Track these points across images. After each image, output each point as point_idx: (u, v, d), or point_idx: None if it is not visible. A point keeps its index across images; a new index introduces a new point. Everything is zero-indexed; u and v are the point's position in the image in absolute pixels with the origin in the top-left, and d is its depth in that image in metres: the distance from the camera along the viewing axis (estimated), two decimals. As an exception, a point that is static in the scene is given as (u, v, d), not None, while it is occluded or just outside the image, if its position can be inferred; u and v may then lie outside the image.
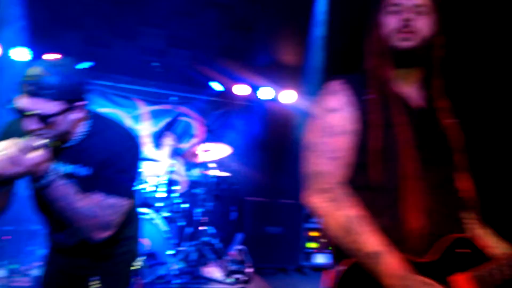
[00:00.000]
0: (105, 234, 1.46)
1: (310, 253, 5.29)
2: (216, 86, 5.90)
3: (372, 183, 1.13)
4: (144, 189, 4.41)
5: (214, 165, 5.22)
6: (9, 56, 4.73)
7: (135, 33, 4.85)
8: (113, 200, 1.47)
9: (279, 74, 6.00)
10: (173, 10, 4.68)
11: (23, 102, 1.36)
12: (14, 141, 1.29)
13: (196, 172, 5.22)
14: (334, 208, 1.08)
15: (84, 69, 1.49)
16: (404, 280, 0.98)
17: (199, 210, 4.96)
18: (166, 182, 4.54)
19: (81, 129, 1.55)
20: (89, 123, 1.57)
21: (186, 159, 5.19)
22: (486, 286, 1.05)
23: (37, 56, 4.98)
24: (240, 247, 4.89)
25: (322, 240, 5.31)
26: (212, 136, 4.83)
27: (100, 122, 1.60)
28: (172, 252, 4.20)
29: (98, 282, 1.64)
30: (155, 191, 4.47)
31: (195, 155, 4.89)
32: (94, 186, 1.49)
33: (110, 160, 1.51)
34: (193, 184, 5.17)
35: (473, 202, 1.23)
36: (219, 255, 4.90)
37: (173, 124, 6.08)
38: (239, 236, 5.21)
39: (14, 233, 4.40)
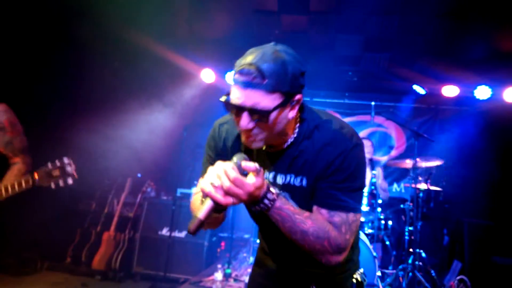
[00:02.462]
0: (340, 257, 1.23)
1: None
2: (419, 89, 5.25)
3: None
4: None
5: (420, 178, 4.53)
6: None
7: (331, 42, 4.68)
8: (342, 218, 1.22)
9: (500, 68, 4.75)
10: (368, 11, 4.28)
11: (235, 94, 1.15)
12: (223, 167, 1.10)
13: (399, 186, 4.63)
14: None
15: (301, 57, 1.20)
16: None
17: (406, 229, 4.35)
18: (368, 195, 4.10)
19: (294, 132, 1.29)
20: (303, 125, 1.30)
21: (387, 171, 4.69)
22: None
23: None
24: (460, 277, 3.92)
25: None
26: (416, 146, 4.07)
27: (313, 122, 1.29)
28: (378, 273, 3.65)
29: None
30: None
31: (397, 167, 4.33)
32: (315, 199, 1.26)
33: (330, 168, 1.23)
34: (398, 199, 4.70)
35: None
36: (435, 284, 4.05)
37: (370, 135, 5.72)
38: (458, 265, 4.21)
39: (228, 240, 4.76)
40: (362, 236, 3.74)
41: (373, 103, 5.60)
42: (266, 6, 4.32)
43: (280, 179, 1.32)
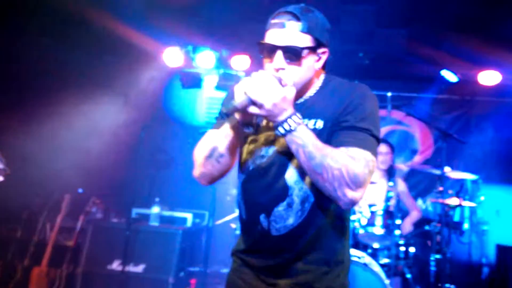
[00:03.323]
0: (357, 193, 1.49)
1: None
2: (449, 75, 5.38)
3: None
4: (354, 221, 4.14)
5: (451, 191, 4.73)
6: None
7: (335, 14, 4.71)
8: (359, 153, 1.51)
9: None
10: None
11: (270, 36, 1.61)
12: (265, 73, 1.51)
13: (425, 202, 4.68)
14: None
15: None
16: None
17: (433, 257, 4.48)
18: (383, 213, 4.16)
19: (317, 84, 1.76)
20: (325, 80, 1.77)
21: (409, 182, 4.80)
22: None
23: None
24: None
25: None
26: (445, 151, 4.23)
27: (334, 80, 1.77)
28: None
29: None
30: (370, 224, 4.15)
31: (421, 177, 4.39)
32: (333, 142, 1.57)
33: (349, 108, 1.60)
34: (422, 219, 4.76)
35: None
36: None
37: (387, 136, 5.88)
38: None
39: (200, 275, 4.81)
40: (376, 267, 3.77)
41: (389, 93, 5.74)
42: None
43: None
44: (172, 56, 5.39)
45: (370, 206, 4.18)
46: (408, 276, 4.59)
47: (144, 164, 5.14)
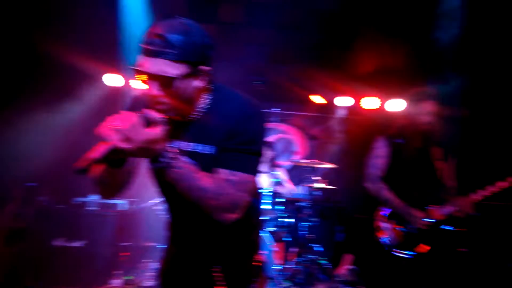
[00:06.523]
0: (235, 215, 1.36)
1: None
2: (318, 99, 6.00)
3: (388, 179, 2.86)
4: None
5: (318, 178, 5.21)
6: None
7: (236, 52, 5.17)
8: (239, 177, 1.36)
9: (385, 81, 5.70)
10: (272, 25, 4.91)
11: (143, 63, 1.27)
12: (129, 115, 1.21)
13: (300, 186, 5.19)
14: (375, 187, 2.88)
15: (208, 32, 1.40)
16: (400, 208, 2.79)
17: (304, 226, 4.94)
18: (270, 194, 4.55)
19: (202, 102, 1.45)
20: (211, 96, 1.47)
21: (289, 174, 5.22)
22: None
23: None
24: (350, 267, 4.63)
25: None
26: (315, 150, 4.71)
27: (221, 94, 1.48)
28: (278, 268, 4.16)
29: (219, 273, 1.56)
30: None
31: (298, 171, 4.83)
32: (217, 162, 1.40)
33: (233, 132, 1.39)
34: (298, 199, 5.17)
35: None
36: (328, 275, 4.71)
37: (276, 142, 6.27)
38: (349, 257, 4.94)
39: (130, 249, 4.81)
40: (263, 233, 4.18)
41: (278, 111, 6.09)
42: (175, 12, 4.63)
43: (187, 147, 1.45)
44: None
45: (260, 189, 4.56)
46: (287, 240, 5.08)
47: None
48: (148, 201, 5.11)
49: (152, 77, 1.28)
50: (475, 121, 5.07)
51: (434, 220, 2.65)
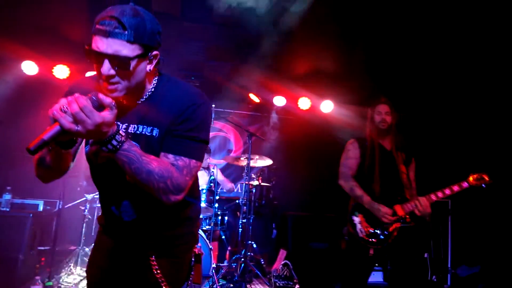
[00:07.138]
0: (178, 197, 1.41)
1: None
2: (255, 98, 6.05)
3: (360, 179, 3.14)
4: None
5: (253, 176, 5.29)
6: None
7: (173, 47, 5.00)
8: (184, 161, 1.43)
9: (318, 83, 5.91)
10: (211, 21, 4.82)
11: (97, 43, 1.29)
12: (79, 97, 1.20)
13: (236, 186, 5.18)
14: (348, 184, 3.15)
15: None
16: (369, 204, 3.03)
17: (240, 222, 4.95)
18: (206, 191, 4.55)
19: (150, 86, 1.50)
20: (158, 81, 1.53)
21: (225, 172, 5.21)
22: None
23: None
24: (284, 262, 4.73)
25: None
26: (251, 146, 4.73)
27: (168, 81, 1.54)
28: (213, 266, 4.10)
29: (155, 263, 1.53)
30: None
31: (235, 168, 4.83)
32: (163, 147, 1.45)
33: (180, 118, 1.44)
34: (234, 197, 5.23)
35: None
36: (263, 271, 4.75)
37: (211, 140, 6.13)
38: (283, 253, 5.05)
39: (50, 254, 4.44)
40: (200, 232, 4.10)
41: (213, 108, 5.97)
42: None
43: (132, 129, 1.48)
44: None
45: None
46: (223, 237, 5.08)
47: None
48: (68, 203, 4.80)
49: (107, 57, 1.30)
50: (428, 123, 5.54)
51: (398, 216, 2.98)
